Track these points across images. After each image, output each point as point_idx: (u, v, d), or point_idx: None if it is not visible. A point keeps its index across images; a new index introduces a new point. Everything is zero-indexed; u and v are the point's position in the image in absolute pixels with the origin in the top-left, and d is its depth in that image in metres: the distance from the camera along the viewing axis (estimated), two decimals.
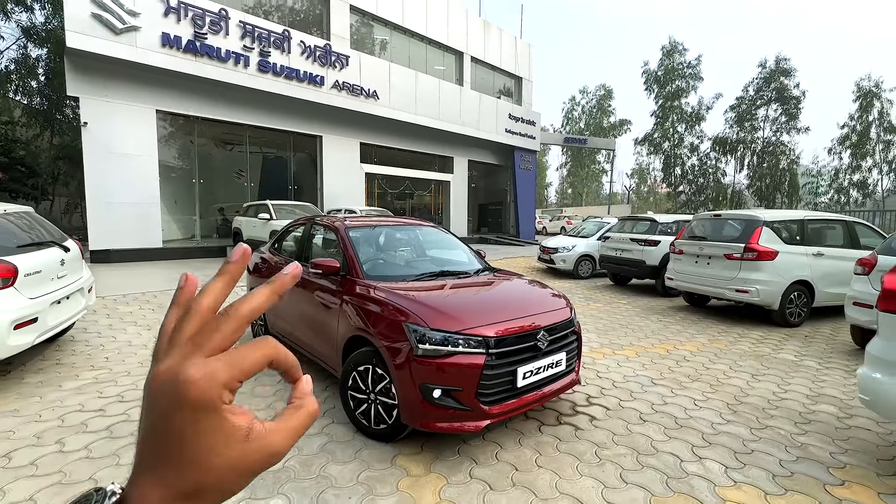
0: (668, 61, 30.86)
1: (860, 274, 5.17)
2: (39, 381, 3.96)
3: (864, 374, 2.75)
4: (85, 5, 9.92)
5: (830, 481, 2.59)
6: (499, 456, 2.79)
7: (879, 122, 25.99)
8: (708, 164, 30.00)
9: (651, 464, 2.74)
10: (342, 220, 4.10)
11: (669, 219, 9.65)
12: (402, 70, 16.39)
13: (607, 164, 43.79)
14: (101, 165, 10.87)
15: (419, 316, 2.69)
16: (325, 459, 2.72)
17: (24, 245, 3.98)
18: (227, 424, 0.31)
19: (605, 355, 4.95)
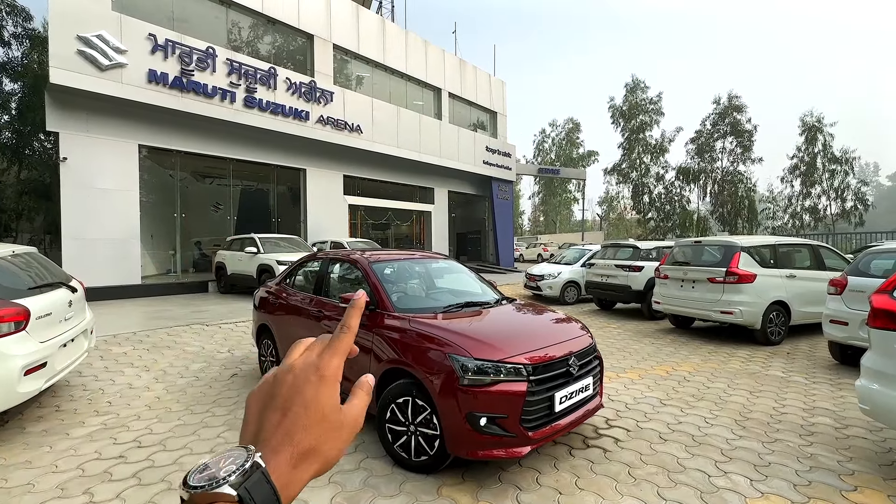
0: (632, 97, 32.95)
1: (833, 294, 5.63)
2: (43, 429, 3.79)
3: (863, 385, 3.04)
4: (71, 43, 9.90)
5: (845, 488, 2.81)
6: (540, 481, 2.88)
7: (824, 153, 28.39)
8: (673, 193, 31.77)
9: (682, 480, 2.90)
10: (362, 254, 4.21)
11: (651, 245, 10.17)
12: (383, 105, 16.88)
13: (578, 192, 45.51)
14: (80, 201, 10.57)
15: (462, 347, 2.82)
16: (370, 494, 2.74)
17: (34, 287, 3.88)
18: (335, 397, 0.45)
19: (610, 379, 5.14)
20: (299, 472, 0.42)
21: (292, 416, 0.43)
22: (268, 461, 0.40)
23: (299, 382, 0.44)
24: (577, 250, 12.95)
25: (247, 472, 0.38)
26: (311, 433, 0.43)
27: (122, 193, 11.25)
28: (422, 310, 3.57)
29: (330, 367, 0.46)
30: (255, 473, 0.38)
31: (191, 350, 6.32)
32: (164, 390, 4.71)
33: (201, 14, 12.90)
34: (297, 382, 0.44)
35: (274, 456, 0.41)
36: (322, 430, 0.43)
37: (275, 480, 0.39)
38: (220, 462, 0.39)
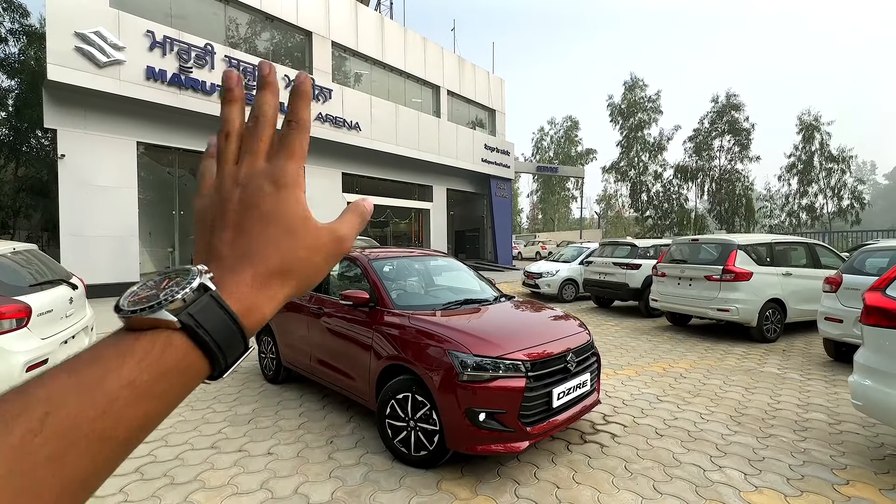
0: (630, 95, 32.98)
1: (829, 292, 5.69)
2: None
3: (856, 381, 3.09)
4: (69, 39, 9.86)
5: (837, 481, 2.87)
6: (538, 475, 2.92)
7: (821, 151, 28.50)
8: (671, 191, 31.83)
9: (678, 474, 2.95)
10: (361, 251, 4.24)
11: (648, 243, 10.21)
12: (382, 103, 16.86)
13: (576, 190, 45.59)
14: (78, 198, 10.55)
15: (461, 343, 2.86)
16: (371, 489, 2.77)
17: (35, 284, 3.89)
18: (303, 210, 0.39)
19: (608, 376, 5.18)
20: (267, 294, 0.36)
21: (248, 232, 0.37)
22: (222, 283, 0.34)
23: (250, 195, 0.38)
24: (575, 248, 13.00)
25: (191, 295, 0.32)
26: (276, 250, 0.37)
27: (121, 191, 11.24)
28: (421, 307, 3.60)
29: (288, 174, 0.38)
30: (203, 297, 0.33)
31: None
32: None
33: (199, 11, 12.86)
34: (247, 197, 0.38)
35: (231, 276, 0.35)
36: (291, 246, 0.37)
37: (233, 304, 0.34)
38: (160, 283, 0.33)
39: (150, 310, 0.31)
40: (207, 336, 0.32)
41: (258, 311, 0.35)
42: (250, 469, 3.01)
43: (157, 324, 0.31)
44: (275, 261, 0.37)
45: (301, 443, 3.42)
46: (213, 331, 0.32)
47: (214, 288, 0.34)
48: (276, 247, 0.37)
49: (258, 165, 0.39)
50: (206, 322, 0.32)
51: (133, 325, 0.31)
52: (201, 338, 0.32)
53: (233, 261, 0.36)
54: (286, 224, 0.38)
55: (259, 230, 0.37)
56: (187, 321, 0.31)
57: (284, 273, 0.37)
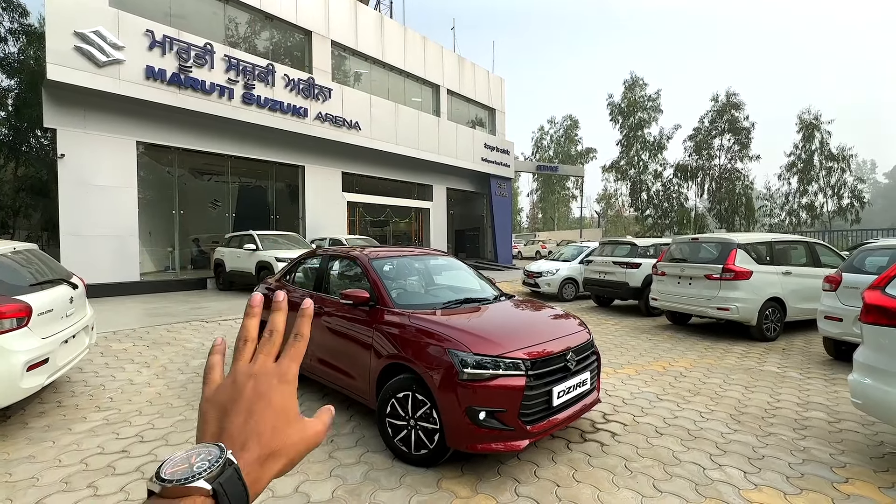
0: (630, 94, 32.96)
1: (828, 290, 5.70)
2: (45, 425, 3.81)
3: (855, 379, 3.09)
4: (68, 39, 9.86)
5: (836, 479, 2.87)
6: (538, 474, 2.93)
7: (821, 150, 28.48)
8: (671, 190, 31.80)
9: (678, 473, 2.95)
10: (361, 251, 4.24)
11: (648, 242, 10.22)
12: (382, 102, 16.86)
13: (576, 189, 45.58)
14: (78, 198, 10.56)
15: (461, 342, 2.86)
16: (371, 487, 2.78)
17: (35, 283, 3.90)
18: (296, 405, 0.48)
19: (607, 374, 5.19)
20: (266, 470, 0.44)
21: (258, 417, 0.45)
22: (236, 457, 0.41)
23: (262, 387, 0.46)
24: (575, 247, 13.00)
25: (221, 468, 0.38)
26: (278, 434, 0.45)
27: (121, 190, 11.24)
28: (421, 306, 3.61)
29: (290, 373, 0.49)
30: (229, 469, 0.39)
31: (190, 346, 6.35)
32: (164, 386, 4.74)
33: (199, 10, 12.85)
34: (259, 387, 0.46)
35: (242, 454, 0.42)
36: (288, 432, 0.46)
37: (245, 477, 0.40)
38: (190, 458, 0.39)
39: (191, 480, 0.37)
40: (228, 501, 0.38)
41: (260, 482, 0.43)
42: None
43: (191, 492, 0.37)
44: (276, 443, 0.45)
45: None
46: (232, 497, 0.38)
47: (237, 462, 0.40)
48: (278, 432, 0.45)
49: (269, 364, 0.49)
50: (229, 490, 0.38)
51: (169, 494, 0.37)
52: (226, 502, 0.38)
53: (244, 440, 0.43)
54: (287, 414, 0.47)
55: (267, 416, 0.45)
56: (218, 489, 0.38)
57: (281, 454, 0.45)
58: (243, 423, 0.44)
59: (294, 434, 0.46)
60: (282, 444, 0.45)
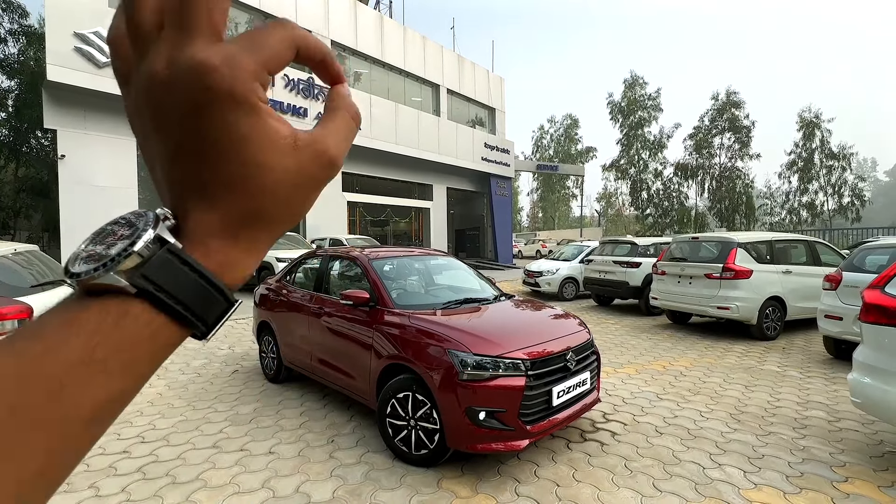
0: (630, 93, 32.94)
1: (828, 289, 5.70)
2: None
3: (855, 379, 3.10)
4: (68, 40, 9.87)
5: (836, 479, 2.88)
6: (538, 473, 2.94)
7: (821, 148, 28.45)
8: (672, 189, 31.77)
9: (677, 472, 2.96)
10: (361, 251, 4.24)
11: (648, 241, 10.22)
12: (382, 102, 16.87)
13: (576, 188, 45.56)
14: (78, 198, 10.57)
15: (461, 342, 2.86)
16: (372, 487, 2.79)
17: (36, 285, 3.91)
18: (268, 127, 0.26)
19: (608, 374, 5.19)
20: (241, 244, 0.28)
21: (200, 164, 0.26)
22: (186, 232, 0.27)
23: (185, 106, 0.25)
24: (575, 247, 13.00)
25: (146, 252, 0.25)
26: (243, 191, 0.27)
27: (121, 191, 11.26)
28: (421, 306, 3.61)
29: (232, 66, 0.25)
30: (160, 253, 0.26)
31: (191, 347, 6.36)
32: (165, 387, 4.75)
33: None
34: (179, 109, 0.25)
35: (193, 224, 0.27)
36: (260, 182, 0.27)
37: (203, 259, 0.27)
38: (117, 232, 0.27)
39: (97, 272, 0.25)
40: (172, 299, 0.26)
41: (237, 265, 0.29)
42: (252, 468, 3.02)
43: (110, 288, 0.25)
44: (244, 202, 0.27)
45: (302, 442, 3.43)
46: (178, 293, 0.26)
47: (174, 241, 0.26)
48: (241, 181, 0.27)
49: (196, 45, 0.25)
50: (167, 284, 0.25)
51: (84, 291, 0.25)
52: (164, 303, 0.26)
53: (189, 204, 0.27)
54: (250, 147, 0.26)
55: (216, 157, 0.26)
56: (143, 285, 0.25)
57: (258, 216, 0.28)
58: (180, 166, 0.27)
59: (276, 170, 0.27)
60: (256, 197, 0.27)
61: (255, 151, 0.26)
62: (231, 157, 0.26)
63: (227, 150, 0.26)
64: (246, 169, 0.26)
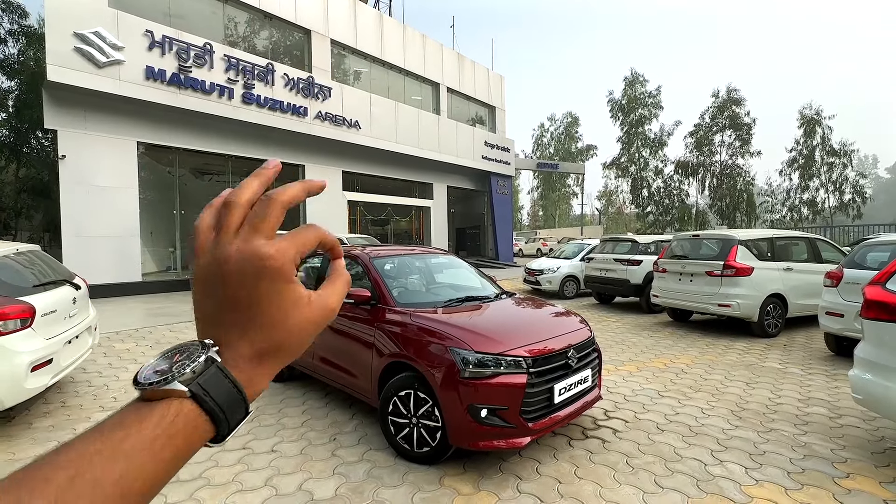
0: (630, 91, 32.88)
1: (829, 286, 5.69)
2: (49, 425, 3.84)
3: (856, 375, 3.10)
4: (68, 40, 9.86)
5: (837, 475, 2.88)
6: (540, 470, 2.94)
7: (822, 145, 28.39)
8: (672, 186, 31.73)
9: (679, 469, 2.96)
10: (362, 250, 4.25)
11: (649, 239, 10.22)
12: (382, 100, 16.85)
13: (577, 186, 45.53)
14: (79, 198, 10.58)
15: (463, 340, 2.87)
16: (374, 485, 2.80)
17: (38, 284, 3.92)
18: (295, 291, 0.39)
19: (609, 371, 5.20)
20: (264, 367, 0.39)
21: (246, 310, 0.38)
22: (224, 356, 0.37)
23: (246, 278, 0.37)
24: (576, 245, 13.00)
25: (200, 368, 0.35)
26: (273, 332, 0.38)
27: (122, 191, 11.26)
28: (422, 304, 3.62)
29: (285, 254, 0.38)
30: (211, 369, 0.36)
31: None
32: None
33: (198, 10, 12.85)
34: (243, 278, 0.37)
35: (229, 351, 0.38)
36: (285, 327, 0.38)
37: (236, 374, 0.37)
38: (172, 358, 0.37)
39: (164, 382, 0.35)
40: (213, 402, 0.35)
41: (258, 381, 0.39)
42: (254, 466, 3.04)
43: (170, 394, 0.35)
44: (270, 342, 0.38)
45: (304, 440, 3.44)
46: (217, 398, 0.36)
47: (220, 360, 0.37)
48: (272, 330, 0.38)
49: (257, 242, 0.37)
50: (212, 390, 0.36)
51: (148, 396, 0.35)
52: (208, 404, 0.35)
53: (231, 337, 0.38)
54: (283, 311, 0.38)
55: (259, 309, 0.38)
56: (196, 390, 0.35)
57: (279, 349, 0.39)
58: (230, 319, 0.38)
59: (293, 324, 0.39)
60: (278, 342, 0.39)
61: (286, 306, 0.38)
62: (267, 309, 0.38)
63: (267, 303, 0.38)
64: (277, 316, 0.38)
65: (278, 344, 0.39)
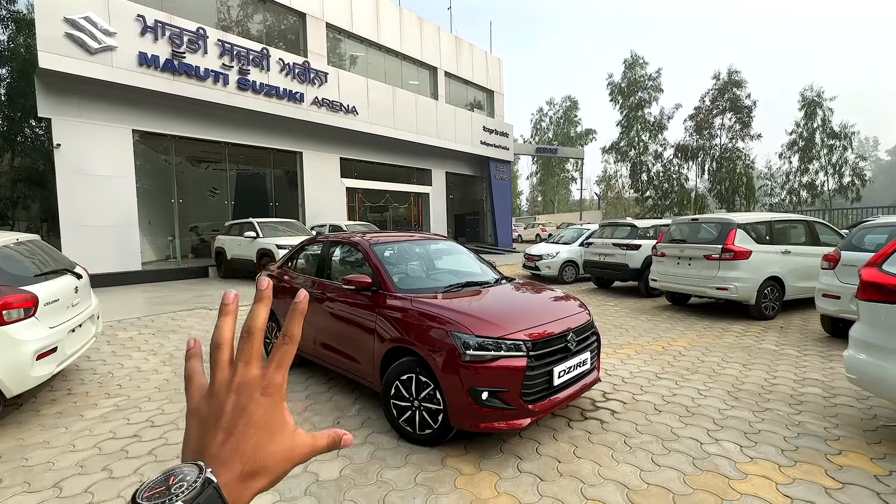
0: (630, 74, 32.50)
1: (826, 269, 5.73)
2: (57, 412, 3.90)
3: (850, 355, 3.15)
4: (59, 26, 9.69)
5: (830, 451, 2.95)
6: (539, 451, 3.01)
7: (823, 128, 28.22)
8: (671, 171, 31.64)
9: (676, 448, 3.03)
10: (362, 236, 4.26)
11: (648, 223, 10.23)
12: (379, 85, 16.65)
13: (576, 171, 45.32)
14: (76, 188, 10.53)
15: (463, 324, 2.90)
16: (378, 466, 2.86)
17: (40, 274, 3.93)
18: (284, 415, 0.45)
19: (608, 354, 5.27)
20: (247, 488, 0.42)
21: (239, 435, 0.42)
22: (217, 476, 0.39)
23: (243, 402, 0.43)
24: (575, 230, 13.01)
25: (200, 489, 0.37)
26: (260, 451, 0.43)
27: (118, 180, 11.20)
28: (423, 290, 3.65)
29: (274, 384, 0.45)
30: (208, 489, 0.38)
31: (195, 334, 6.43)
32: (172, 373, 4.82)
33: None
34: (240, 402, 0.43)
35: (223, 472, 0.41)
36: (269, 448, 0.43)
37: (227, 495, 0.39)
38: (168, 479, 0.38)
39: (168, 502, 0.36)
40: None
41: (241, 501, 0.41)
42: None
43: None
44: (258, 460, 0.42)
45: (308, 424, 3.50)
46: None
47: (216, 481, 0.39)
48: (260, 448, 0.43)
49: (250, 374, 0.45)
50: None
51: None
52: None
53: (224, 458, 0.41)
54: (269, 429, 0.44)
55: (249, 433, 0.43)
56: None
57: (263, 471, 0.43)
58: (223, 440, 0.42)
59: (277, 450, 0.44)
60: (264, 462, 0.43)
61: (274, 428, 0.44)
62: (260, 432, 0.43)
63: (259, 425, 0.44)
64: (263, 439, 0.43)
65: (261, 466, 0.43)
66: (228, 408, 0.43)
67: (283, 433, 0.45)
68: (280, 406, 0.45)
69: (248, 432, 0.43)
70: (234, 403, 0.43)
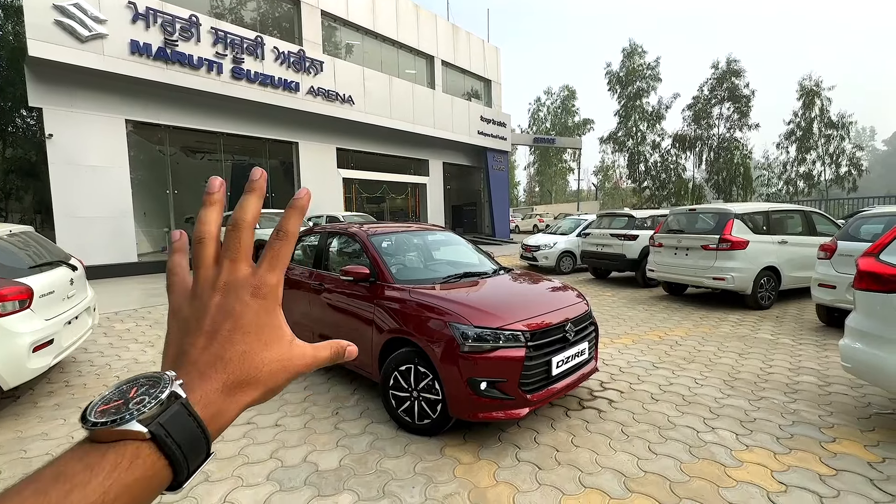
0: (629, 63, 32.25)
1: (823, 258, 5.75)
2: (55, 404, 3.89)
3: (846, 344, 3.17)
4: (47, 13, 9.49)
5: (824, 439, 2.99)
6: (538, 440, 3.03)
7: (821, 118, 28.15)
8: (669, 161, 31.55)
9: (672, 436, 3.06)
10: (360, 227, 4.24)
11: (646, 214, 10.23)
12: (375, 75, 16.46)
13: (573, 162, 45.19)
14: (69, 179, 10.42)
15: (462, 315, 2.90)
16: (377, 456, 2.88)
17: (34, 266, 3.90)
18: (278, 322, 0.40)
19: (605, 344, 5.29)
20: (233, 401, 0.36)
21: (222, 340, 0.37)
22: (192, 388, 0.34)
23: (229, 304, 0.38)
24: (572, 220, 13.01)
25: (162, 404, 0.32)
26: (249, 359, 0.37)
27: (112, 170, 11.07)
28: (421, 281, 3.64)
29: (268, 284, 0.39)
30: (174, 405, 0.32)
31: None
32: None
33: None
34: (226, 304, 0.38)
35: (201, 382, 0.35)
36: (263, 356, 0.38)
37: (201, 409, 0.34)
38: (128, 392, 0.33)
39: (121, 422, 0.30)
40: (175, 446, 0.31)
41: (223, 416, 0.36)
42: (259, 440, 3.11)
43: (125, 435, 0.30)
44: (247, 370, 0.37)
45: (307, 414, 3.51)
46: (180, 440, 0.32)
47: (185, 395, 0.33)
48: (249, 357, 0.37)
49: (239, 273, 0.39)
50: (175, 432, 0.32)
51: (99, 438, 0.30)
52: (169, 447, 0.31)
53: (204, 366, 0.36)
54: (264, 337, 0.38)
55: (235, 339, 0.37)
56: (157, 431, 0.31)
57: (253, 382, 0.37)
58: (205, 346, 0.37)
59: (271, 359, 0.38)
60: (254, 372, 0.37)
61: (267, 334, 0.39)
62: (250, 337, 0.38)
63: (249, 330, 0.38)
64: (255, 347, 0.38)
65: (251, 376, 0.37)
66: (212, 310, 0.38)
67: (279, 341, 0.39)
68: (274, 311, 0.40)
69: (234, 337, 0.37)
70: (218, 305, 0.38)
